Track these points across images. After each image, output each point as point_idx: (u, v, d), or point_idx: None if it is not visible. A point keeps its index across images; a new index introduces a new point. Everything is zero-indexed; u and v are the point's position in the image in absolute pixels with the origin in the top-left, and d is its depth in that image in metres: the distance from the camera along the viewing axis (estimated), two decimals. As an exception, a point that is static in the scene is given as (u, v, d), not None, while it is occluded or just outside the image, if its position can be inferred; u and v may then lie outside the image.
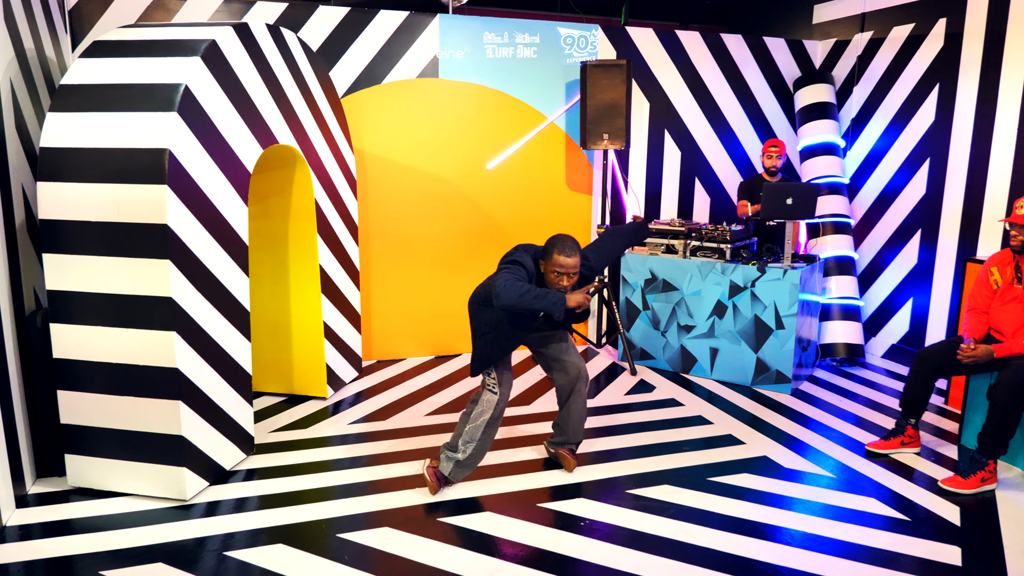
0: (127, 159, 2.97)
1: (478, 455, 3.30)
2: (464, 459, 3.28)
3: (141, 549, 2.83)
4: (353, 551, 2.84)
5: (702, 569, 2.74)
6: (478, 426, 3.26)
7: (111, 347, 3.08)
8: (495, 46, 5.19)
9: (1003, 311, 3.62)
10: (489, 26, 5.18)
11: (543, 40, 5.30)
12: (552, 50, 5.33)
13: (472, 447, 3.26)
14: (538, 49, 5.29)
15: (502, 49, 5.21)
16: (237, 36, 3.44)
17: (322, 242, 4.27)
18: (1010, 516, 3.18)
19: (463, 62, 5.14)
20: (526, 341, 3.47)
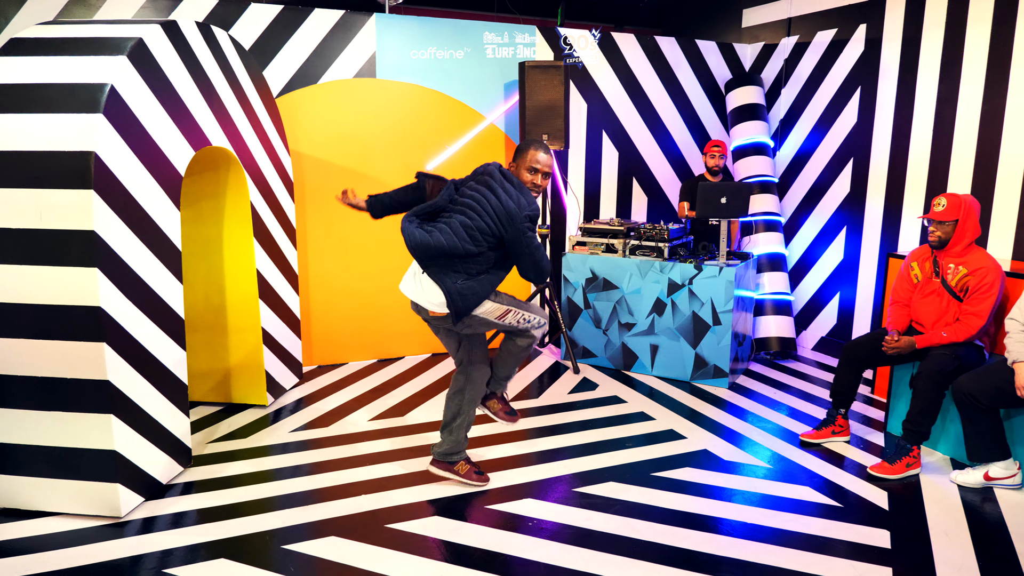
0: (50, 163, 2.83)
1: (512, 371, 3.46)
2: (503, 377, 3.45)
3: (74, 570, 2.71)
4: (299, 562, 2.79)
5: (648, 563, 2.80)
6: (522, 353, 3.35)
7: (36, 360, 2.93)
8: (433, 46, 5.16)
9: (923, 304, 3.81)
10: (427, 26, 5.15)
11: (481, 40, 5.29)
12: (490, 50, 5.33)
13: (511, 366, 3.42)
14: (475, 49, 5.29)
15: (440, 49, 5.18)
16: (165, 34, 3.32)
17: (259, 246, 4.17)
18: (934, 499, 3.36)
19: (401, 62, 5.10)
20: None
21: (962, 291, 3.65)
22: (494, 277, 3.09)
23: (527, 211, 2.98)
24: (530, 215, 2.99)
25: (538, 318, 3.24)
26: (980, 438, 3.41)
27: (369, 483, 3.43)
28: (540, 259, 3.05)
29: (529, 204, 3.01)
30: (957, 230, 3.64)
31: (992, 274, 3.57)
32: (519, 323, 3.19)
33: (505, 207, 2.98)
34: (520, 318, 3.18)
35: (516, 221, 2.97)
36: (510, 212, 2.97)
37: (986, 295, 3.57)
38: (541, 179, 3.10)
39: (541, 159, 3.09)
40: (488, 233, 2.99)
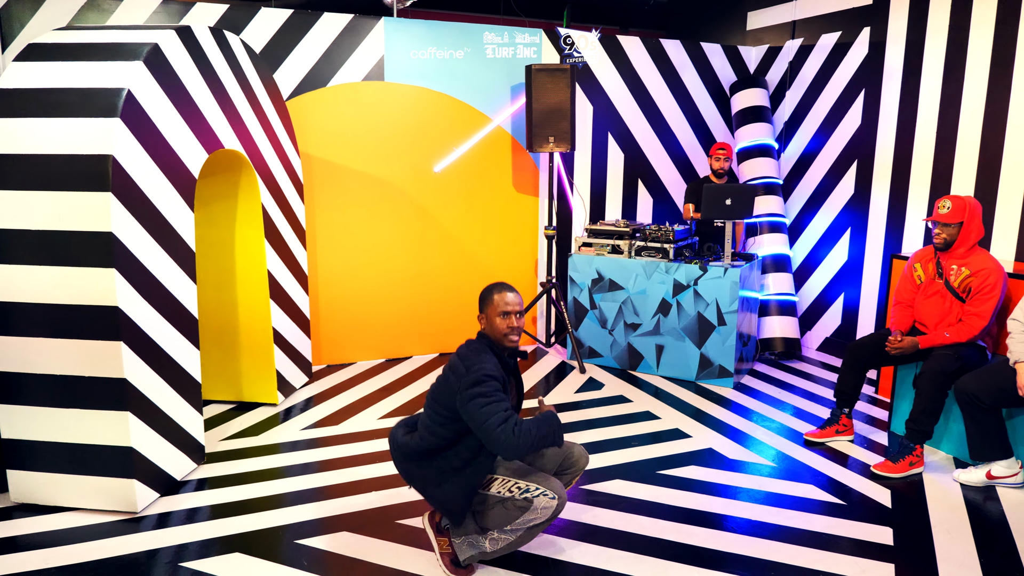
0: (68, 166, 2.90)
1: (506, 551, 2.73)
2: (490, 552, 2.71)
3: (92, 564, 2.77)
4: (311, 556, 2.85)
5: (653, 559, 2.85)
6: (522, 527, 2.66)
7: (55, 359, 3.00)
8: (440, 49, 5.22)
9: (926, 304, 3.86)
10: (434, 29, 5.21)
11: (486, 43, 5.35)
12: (496, 53, 5.39)
13: (506, 544, 2.69)
14: (482, 52, 5.34)
15: (447, 52, 5.24)
16: (180, 40, 3.39)
17: (270, 247, 4.23)
18: (936, 497, 3.40)
19: (409, 65, 5.16)
20: None
21: (965, 292, 3.69)
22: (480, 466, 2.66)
23: (469, 375, 2.52)
24: (472, 379, 2.51)
25: (544, 489, 2.63)
26: (982, 437, 3.45)
27: (379, 480, 3.49)
28: (491, 429, 2.44)
29: (472, 368, 2.54)
30: (962, 232, 3.68)
31: (994, 275, 3.61)
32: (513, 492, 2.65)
33: (448, 382, 2.61)
34: (514, 486, 2.66)
35: (458, 391, 2.54)
36: (451, 386, 2.58)
37: (988, 296, 3.61)
38: (516, 320, 2.68)
39: (510, 299, 2.69)
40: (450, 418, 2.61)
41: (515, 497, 2.64)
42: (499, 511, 2.67)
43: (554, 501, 2.61)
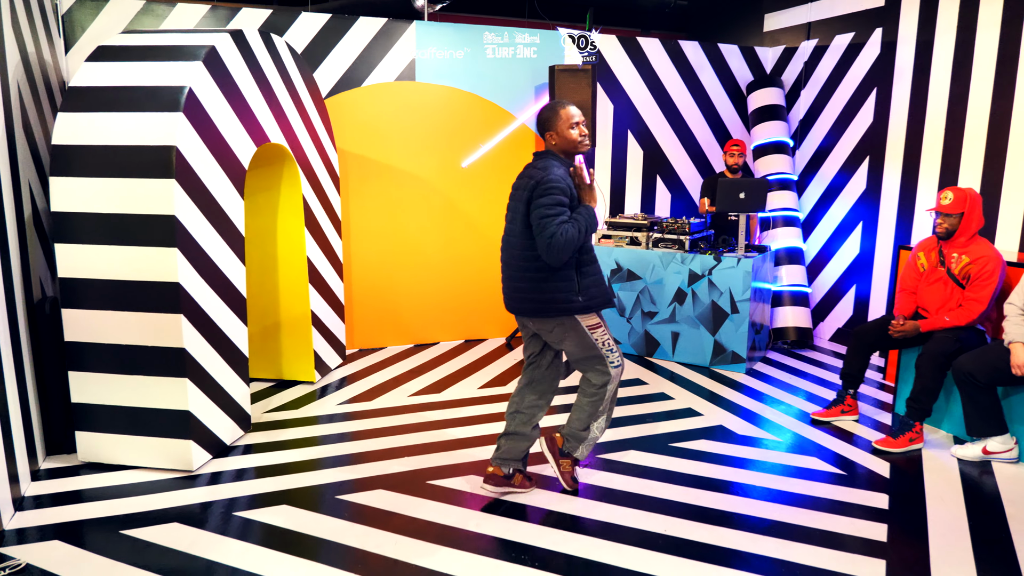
0: (136, 156, 3.22)
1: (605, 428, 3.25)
2: (600, 436, 3.24)
3: (155, 512, 3.09)
4: (352, 510, 3.14)
5: (665, 516, 3.10)
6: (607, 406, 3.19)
7: (121, 330, 3.33)
8: (468, 51, 5.51)
9: (928, 291, 4.06)
10: (462, 32, 5.50)
11: (512, 45, 5.63)
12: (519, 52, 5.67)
13: (605, 421, 3.22)
14: (510, 53, 5.62)
15: (475, 54, 5.53)
16: (234, 42, 3.71)
17: (309, 235, 4.55)
18: (933, 469, 3.60)
19: (438, 66, 5.46)
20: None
21: (965, 279, 3.89)
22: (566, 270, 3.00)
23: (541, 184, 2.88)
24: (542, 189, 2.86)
25: (618, 354, 3.15)
26: (978, 414, 3.64)
27: (411, 447, 3.77)
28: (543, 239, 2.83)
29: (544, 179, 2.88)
30: (963, 222, 3.88)
31: (993, 263, 3.81)
32: (604, 346, 3.08)
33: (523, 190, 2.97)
34: (606, 341, 3.10)
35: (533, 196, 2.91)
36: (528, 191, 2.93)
37: (987, 282, 3.81)
38: (584, 127, 3.04)
39: (574, 112, 3.01)
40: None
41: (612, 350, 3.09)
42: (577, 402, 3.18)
43: (618, 369, 3.12)
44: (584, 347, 3.09)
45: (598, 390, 3.14)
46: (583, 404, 3.18)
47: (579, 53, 5.56)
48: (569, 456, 3.27)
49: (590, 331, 3.06)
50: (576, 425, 3.22)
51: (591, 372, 3.15)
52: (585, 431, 3.21)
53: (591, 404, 3.17)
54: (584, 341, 3.07)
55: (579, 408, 3.20)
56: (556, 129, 3.01)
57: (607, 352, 3.11)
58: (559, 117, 3.00)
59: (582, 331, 3.06)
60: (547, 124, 3.03)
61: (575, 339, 3.08)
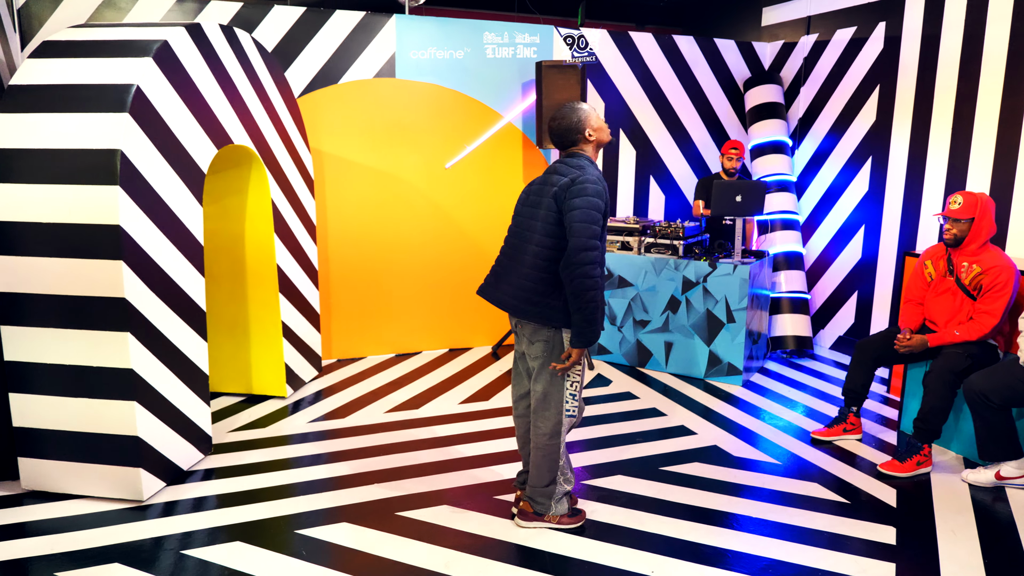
0: (79, 160, 2.96)
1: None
2: (571, 480, 3.03)
3: (97, 550, 2.83)
4: (312, 547, 2.88)
5: (651, 555, 2.85)
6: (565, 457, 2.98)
7: (64, 349, 3.07)
8: (451, 46, 5.24)
9: (936, 302, 3.80)
10: (445, 27, 5.23)
11: (500, 40, 5.36)
12: (508, 50, 5.40)
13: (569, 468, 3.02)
14: (494, 49, 5.36)
15: (459, 49, 5.26)
16: (190, 36, 3.44)
17: (279, 242, 4.28)
18: (943, 497, 3.35)
19: (420, 62, 5.19)
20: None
21: (976, 289, 3.63)
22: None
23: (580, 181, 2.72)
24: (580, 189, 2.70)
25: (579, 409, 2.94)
26: (991, 437, 3.39)
27: (383, 472, 3.52)
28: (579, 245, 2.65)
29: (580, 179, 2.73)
30: (973, 228, 3.62)
31: (1006, 273, 3.56)
32: (572, 391, 2.88)
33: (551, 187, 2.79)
34: (573, 392, 2.89)
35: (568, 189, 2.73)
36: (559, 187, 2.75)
37: (1000, 294, 3.56)
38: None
39: (601, 118, 2.94)
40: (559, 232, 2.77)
41: (576, 397, 2.89)
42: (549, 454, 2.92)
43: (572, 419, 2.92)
44: (555, 379, 2.86)
45: (549, 440, 2.91)
46: (538, 461, 2.95)
47: (575, 54, 5.29)
48: (543, 516, 3.03)
49: (563, 365, 2.81)
50: (536, 483, 2.98)
51: (544, 413, 2.89)
52: (548, 487, 2.97)
53: (547, 459, 2.93)
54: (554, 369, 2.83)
55: (536, 467, 2.97)
56: (592, 126, 2.87)
57: (569, 396, 2.88)
58: (588, 115, 2.87)
59: (557, 359, 2.84)
60: (579, 125, 2.86)
61: (548, 361, 2.85)
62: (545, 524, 3.03)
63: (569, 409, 2.90)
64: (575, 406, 2.91)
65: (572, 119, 2.86)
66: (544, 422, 2.90)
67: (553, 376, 2.86)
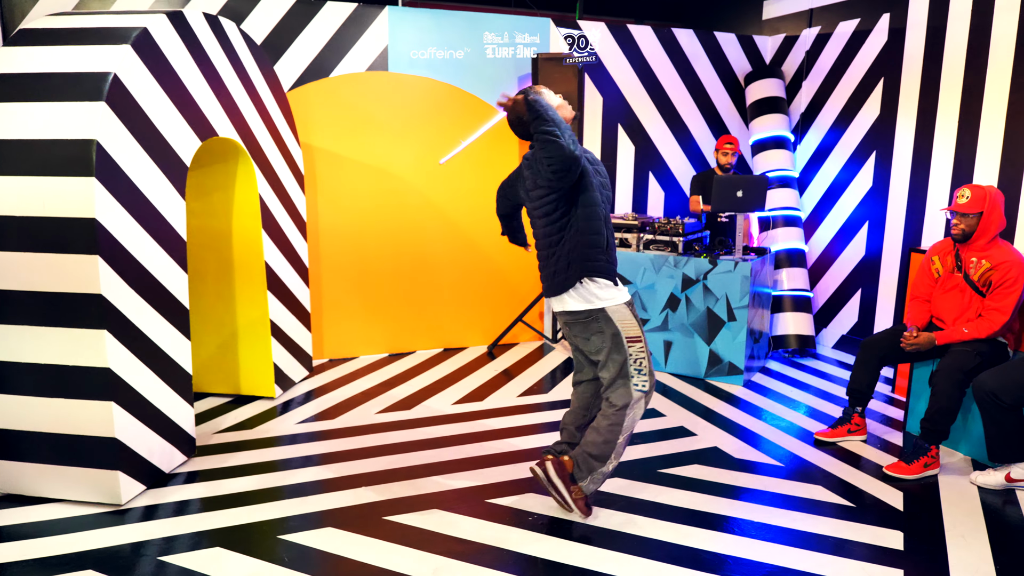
0: (53, 150, 2.85)
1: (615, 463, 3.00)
2: (610, 472, 2.99)
3: (71, 556, 2.72)
4: (294, 552, 2.77)
5: (648, 560, 2.73)
6: (624, 439, 2.94)
7: (39, 347, 2.95)
8: (446, 39, 5.13)
9: (944, 299, 3.69)
10: (439, 19, 5.12)
11: (496, 34, 5.25)
12: (504, 44, 5.28)
13: (616, 458, 2.97)
14: (489, 42, 5.24)
15: (454, 43, 5.15)
16: (172, 24, 3.33)
17: (267, 238, 4.17)
18: (951, 500, 3.23)
19: (413, 55, 5.08)
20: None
21: (985, 286, 3.52)
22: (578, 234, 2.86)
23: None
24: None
25: (650, 377, 2.94)
26: (1002, 438, 3.27)
27: (371, 475, 3.40)
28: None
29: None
30: (981, 223, 3.51)
31: (1016, 268, 3.44)
32: (637, 363, 2.89)
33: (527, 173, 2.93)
34: (641, 360, 2.90)
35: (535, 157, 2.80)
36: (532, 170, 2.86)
37: (1010, 290, 3.44)
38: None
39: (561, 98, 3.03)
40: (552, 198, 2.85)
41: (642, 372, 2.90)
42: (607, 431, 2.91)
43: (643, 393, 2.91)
44: (617, 359, 2.89)
45: (616, 412, 2.91)
46: (600, 427, 2.95)
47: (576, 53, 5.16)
48: (577, 484, 3.00)
49: (628, 343, 2.88)
50: (590, 449, 2.95)
51: (616, 391, 2.92)
52: (598, 461, 2.95)
53: (609, 429, 2.92)
54: (619, 351, 2.88)
55: (594, 431, 2.97)
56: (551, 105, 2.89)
57: (635, 371, 2.90)
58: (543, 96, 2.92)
59: (620, 342, 2.88)
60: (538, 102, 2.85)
61: (611, 348, 2.89)
62: (565, 493, 2.99)
63: (638, 384, 2.91)
64: (643, 380, 2.92)
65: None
66: (618, 398, 2.92)
67: (616, 360, 2.89)
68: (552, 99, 2.96)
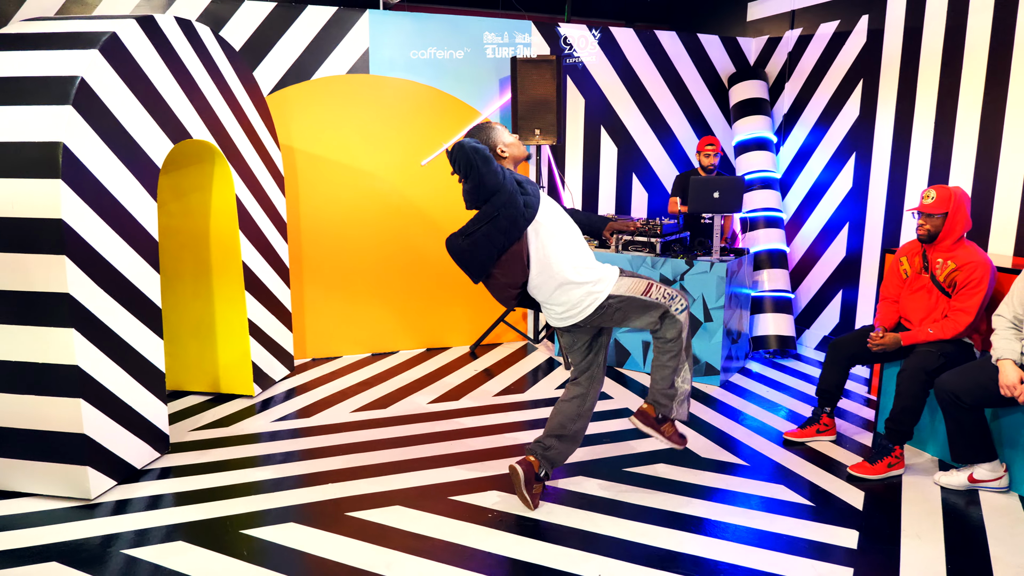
0: (20, 153, 2.91)
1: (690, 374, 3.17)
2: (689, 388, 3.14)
3: (37, 548, 2.78)
4: (255, 548, 2.82)
5: (602, 557, 2.76)
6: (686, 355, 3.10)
7: (9, 345, 3.02)
8: (427, 42, 5.18)
9: (911, 300, 3.70)
10: (420, 22, 5.17)
11: (476, 36, 5.30)
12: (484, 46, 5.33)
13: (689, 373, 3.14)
14: (470, 45, 5.29)
15: (434, 45, 5.20)
16: (142, 29, 3.39)
17: (245, 239, 4.23)
18: (912, 500, 3.25)
19: (394, 58, 5.13)
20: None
21: (950, 287, 3.53)
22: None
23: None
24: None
25: (680, 296, 3.06)
26: (963, 438, 3.28)
27: (339, 472, 3.45)
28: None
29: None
30: (947, 223, 3.52)
31: (981, 269, 3.45)
32: (665, 298, 3.00)
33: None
34: (664, 293, 3.01)
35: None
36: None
37: (974, 291, 3.45)
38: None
39: (510, 132, 3.20)
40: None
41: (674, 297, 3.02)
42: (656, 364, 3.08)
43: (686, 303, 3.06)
44: (647, 308, 3.00)
45: (673, 342, 3.05)
46: (663, 362, 3.08)
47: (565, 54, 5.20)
48: (667, 419, 3.14)
49: (644, 294, 2.99)
50: (661, 385, 3.10)
51: (666, 329, 3.04)
52: (672, 388, 3.10)
53: (671, 359, 3.06)
54: (645, 304, 2.99)
55: (659, 368, 3.10)
56: (504, 142, 3.06)
57: (669, 302, 3.02)
58: (498, 133, 3.05)
59: (637, 299, 2.98)
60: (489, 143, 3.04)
61: (635, 307, 2.99)
62: (657, 434, 3.13)
63: (678, 309, 3.02)
64: (679, 304, 3.02)
65: (481, 138, 2.98)
66: (670, 332, 3.03)
67: (652, 312, 2.99)
68: (507, 137, 3.06)
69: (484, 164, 2.74)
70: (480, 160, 2.73)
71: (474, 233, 2.88)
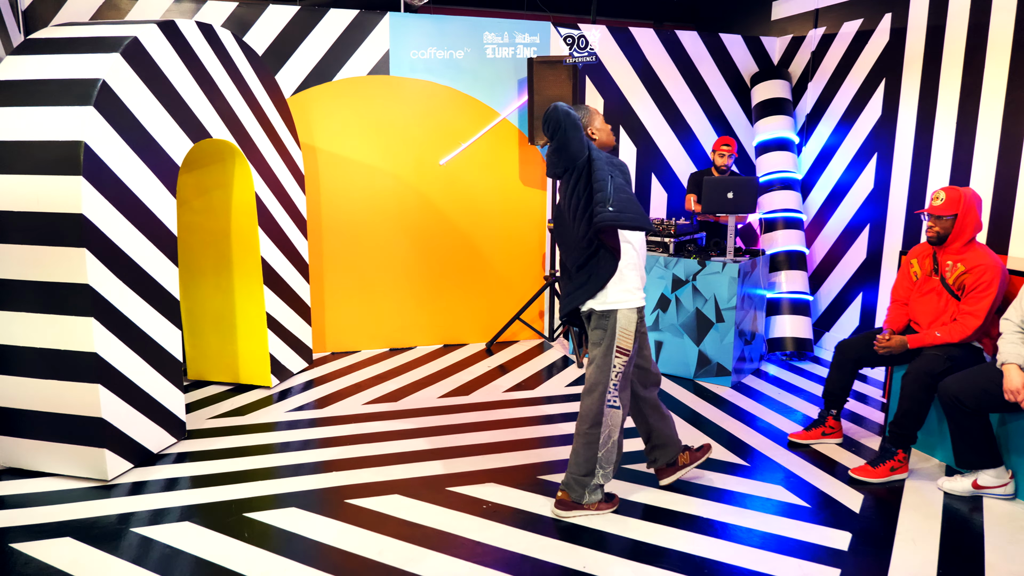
0: (46, 151, 3.09)
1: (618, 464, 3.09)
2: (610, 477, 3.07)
3: (53, 525, 2.95)
4: (256, 530, 2.94)
5: (590, 551, 2.81)
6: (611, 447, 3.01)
7: (32, 332, 3.20)
8: (447, 44, 5.27)
9: (921, 302, 3.65)
10: (440, 24, 5.27)
11: (495, 37, 5.37)
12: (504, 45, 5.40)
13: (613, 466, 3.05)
14: (489, 46, 5.36)
15: (453, 47, 5.29)
16: (163, 33, 3.55)
17: (264, 235, 4.38)
18: (913, 505, 3.21)
19: (414, 59, 5.23)
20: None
21: (960, 289, 3.47)
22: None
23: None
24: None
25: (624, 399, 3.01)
26: (966, 443, 3.23)
27: (343, 461, 3.56)
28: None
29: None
30: (956, 225, 3.46)
31: (991, 272, 3.39)
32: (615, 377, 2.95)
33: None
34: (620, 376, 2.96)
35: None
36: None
37: (983, 294, 3.39)
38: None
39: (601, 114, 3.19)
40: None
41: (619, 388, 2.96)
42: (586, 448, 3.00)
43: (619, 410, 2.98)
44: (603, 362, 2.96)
45: (588, 430, 2.98)
46: (579, 448, 3.03)
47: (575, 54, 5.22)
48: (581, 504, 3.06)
49: (617, 353, 2.95)
50: (576, 471, 3.03)
51: (587, 399, 3.00)
52: (587, 476, 3.02)
53: (585, 447, 3.00)
54: (606, 357, 2.95)
55: (575, 453, 3.05)
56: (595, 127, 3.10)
57: (612, 385, 2.96)
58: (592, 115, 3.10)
59: (610, 346, 2.95)
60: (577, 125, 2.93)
61: (602, 350, 2.96)
62: (584, 512, 3.06)
63: (610, 400, 2.96)
64: (615, 398, 2.97)
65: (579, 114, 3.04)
66: (587, 409, 2.99)
67: (601, 364, 2.96)
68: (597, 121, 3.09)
69: (573, 129, 2.79)
70: (569, 124, 2.78)
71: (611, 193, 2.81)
